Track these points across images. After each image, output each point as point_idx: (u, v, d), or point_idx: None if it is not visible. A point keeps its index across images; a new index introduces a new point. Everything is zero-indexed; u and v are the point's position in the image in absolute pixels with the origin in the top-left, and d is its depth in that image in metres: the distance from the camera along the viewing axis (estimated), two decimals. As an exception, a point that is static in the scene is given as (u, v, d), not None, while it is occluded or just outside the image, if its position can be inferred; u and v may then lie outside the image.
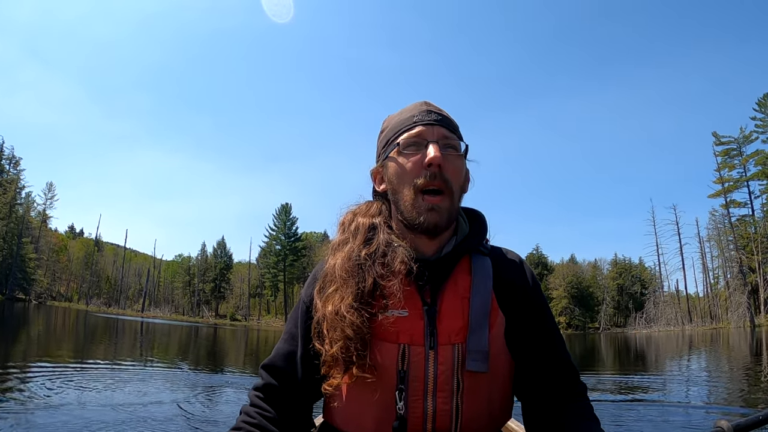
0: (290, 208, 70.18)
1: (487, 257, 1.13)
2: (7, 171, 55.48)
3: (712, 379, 10.27)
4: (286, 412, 1.12)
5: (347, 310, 1.02)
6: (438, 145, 1.06)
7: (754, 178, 48.84)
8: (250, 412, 1.12)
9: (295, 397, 1.14)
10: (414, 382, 1.00)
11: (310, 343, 1.10)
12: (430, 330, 1.02)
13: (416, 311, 1.04)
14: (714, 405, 6.72)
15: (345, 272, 1.06)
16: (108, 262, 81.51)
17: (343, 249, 1.11)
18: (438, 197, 1.06)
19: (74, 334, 19.70)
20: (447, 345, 1.02)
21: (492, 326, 1.05)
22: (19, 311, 35.51)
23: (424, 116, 1.10)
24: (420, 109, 1.12)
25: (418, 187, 1.06)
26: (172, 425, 4.81)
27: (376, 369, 1.01)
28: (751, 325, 42.70)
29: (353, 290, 1.04)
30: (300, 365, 1.13)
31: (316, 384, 1.11)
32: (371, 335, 1.03)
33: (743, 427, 0.94)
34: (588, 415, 1.03)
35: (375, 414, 1.02)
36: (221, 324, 57.73)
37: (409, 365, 1.01)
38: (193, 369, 10.20)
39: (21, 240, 54.73)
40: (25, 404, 5.23)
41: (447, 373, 1.01)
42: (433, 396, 1.00)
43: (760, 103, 48.32)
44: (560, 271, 70.06)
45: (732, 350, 19.48)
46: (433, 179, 1.05)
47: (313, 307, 1.12)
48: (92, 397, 5.93)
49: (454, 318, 1.04)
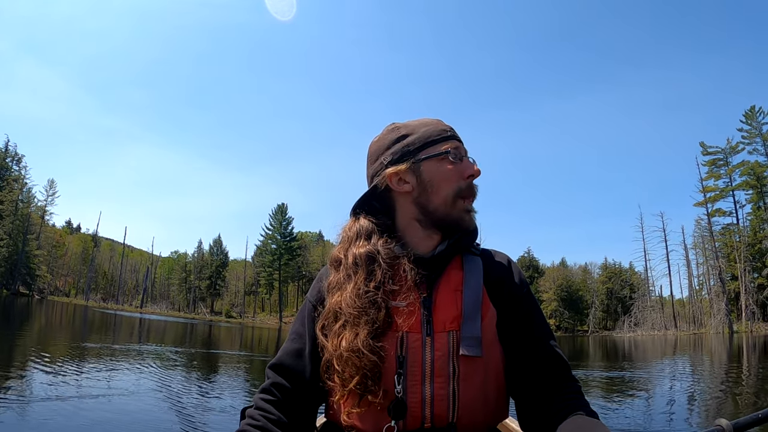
0: (286, 209, 70.93)
1: (478, 257, 1.20)
2: (11, 168, 56.27)
3: (684, 383, 11.39)
4: (292, 412, 1.13)
5: (365, 346, 1.03)
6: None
7: (739, 188, 50.16)
8: (254, 414, 1.12)
9: (302, 396, 1.15)
10: (412, 367, 1.05)
11: (317, 342, 1.14)
12: (426, 318, 1.09)
13: (414, 302, 1.10)
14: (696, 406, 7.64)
15: (356, 309, 1.08)
16: (105, 258, 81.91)
17: (346, 288, 1.12)
18: (473, 203, 1.21)
19: (90, 328, 20.69)
20: (442, 332, 1.07)
21: (484, 317, 1.11)
22: (24, 306, 36.40)
23: (454, 133, 1.21)
24: (445, 126, 1.22)
25: (461, 192, 1.17)
26: (166, 416, 5.45)
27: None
28: (730, 331, 44.04)
29: (369, 327, 1.06)
30: (309, 362, 1.15)
31: (321, 382, 1.14)
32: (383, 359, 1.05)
33: (742, 425, 0.95)
34: (581, 405, 1.04)
35: (375, 398, 1.04)
36: (216, 321, 58.43)
37: (407, 351, 1.06)
38: (189, 364, 11.20)
39: (26, 237, 55.79)
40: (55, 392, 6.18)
41: (443, 358, 1.06)
42: (431, 381, 1.05)
43: (747, 115, 49.29)
44: (551, 274, 70.72)
45: (698, 355, 20.61)
46: (473, 188, 1.19)
47: (320, 306, 1.17)
48: (117, 384, 6.91)
49: (449, 308, 1.10)
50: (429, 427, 1.05)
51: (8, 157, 55.80)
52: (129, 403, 5.92)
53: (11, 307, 32.38)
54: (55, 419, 4.87)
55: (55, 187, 63.26)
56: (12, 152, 56.25)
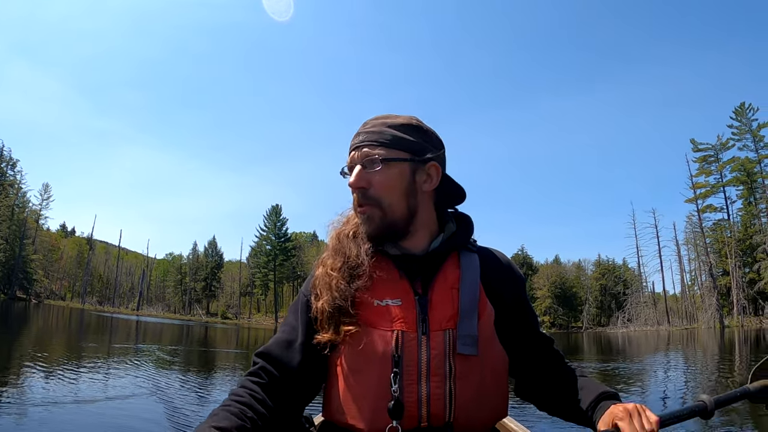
0: (280, 210, 70.81)
1: (474, 254, 1.19)
2: (6, 173, 56.15)
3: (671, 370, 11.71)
4: (279, 399, 1.12)
5: (334, 270, 1.13)
6: (362, 166, 1.15)
7: (729, 184, 50.68)
8: (240, 392, 1.10)
9: (289, 386, 1.13)
10: (408, 366, 1.04)
11: (310, 332, 1.14)
12: (422, 317, 1.08)
13: (409, 300, 1.10)
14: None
15: (335, 245, 1.19)
16: (100, 261, 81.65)
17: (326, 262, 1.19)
18: (363, 208, 1.16)
19: (89, 332, 20.82)
20: (438, 331, 1.07)
21: (481, 315, 1.11)
22: (22, 310, 36.48)
23: (353, 141, 1.19)
24: (355, 133, 1.20)
25: (354, 206, 1.20)
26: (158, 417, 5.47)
27: (371, 351, 1.07)
28: (721, 326, 44.64)
29: (342, 259, 1.15)
30: (298, 352, 1.14)
31: (311, 376, 1.15)
32: (358, 303, 1.11)
33: (722, 401, 1.01)
34: (571, 367, 1.21)
35: (372, 398, 1.05)
36: (212, 322, 58.47)
37: (403, 350, 1.05)
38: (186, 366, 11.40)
39: (23, 242, 55.82)
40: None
41: (439, 357, 1.05)
42: (427, 380, 1.04)
43: (737, 111, 49.82)
44: (545, 272, 71.25)
45: (691, 349, 20.95)
46: (360, 198, 1.16)
47: (312, 300, 1.17)
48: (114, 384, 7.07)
49: (445, 306, 1.10)
50: (426, 426, 1.05)
51: (3, 162, 55.65)
52: (126, 405, 6.04)
53: (9, 312, 32.46)
54: (54, 422, 4.92)
55: (49, 191, 63.17)
56: (7, 157, 56.15)
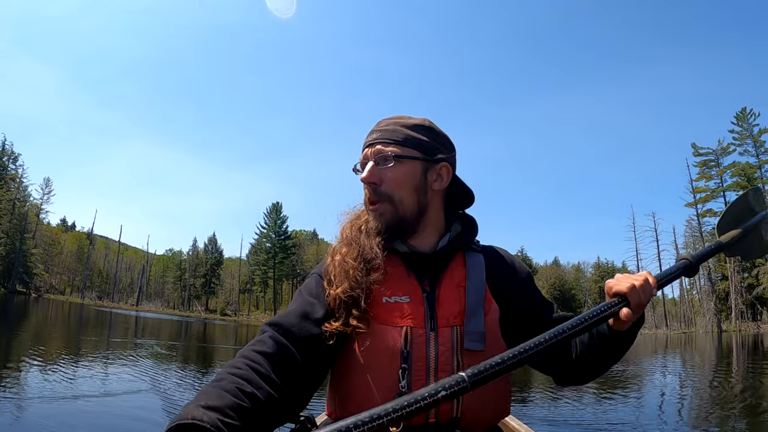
0: (281, 207, 70.87)
1: (479, 253, 1.23)
2: (8, 167, 56.23)
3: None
4: (284, 375, 0.99)
5: (351, 259, 1.14)
6: (374, 163, 1.19)
7: (730, 189, 50.66)
8: (238, 363, 0.97)
9: (298, 362, 1.03)
10: (417, 362, 1.06)
11: (328, 312, 1.12)
12: (430, 314, 1.10)
13: (417, 297, 1.12)
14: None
15: (348, 235, 1.20)
16: (100, 256, 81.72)
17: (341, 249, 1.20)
18: (375, 205, 1.19)
19: (88, 327, 20.81)
20: (446, 327, 1.09)
21: (487, 313, 1.13)
22: (22, 304, 36.52)
23: (367, 138, 1.23)
24: (369, 131, 1.24)
25: (365, 202, 1.23)
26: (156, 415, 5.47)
27: (380, 347, 1.08)
28: (719, 330, 44.76)
29: (357, 249, 1.15)
30: (315, 325, 1.08)
31: (319, 362, 1.08)
32: (371, 303, 1.11)
33: (702, 256, 1.12)
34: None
35: (380, 393, 1.05)
36: (211, 318, 58.46)
37: (411, 346, 1.06)
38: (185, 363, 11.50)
39: (24, 236, 55.87)
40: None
41: (447, 353, 1.07)
42: (435, 376, 1.05)
43: (738, 116, 49.72)
44: (544, 273, 71.44)
45: (687, 352, 20.98)
46: (372, 195, 1.20)
47: (325, 285, 1.16)
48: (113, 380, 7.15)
49: (452, 303, 1.12)
50: (433, 422, 1.06)
51: (5, 156, 55.73)
52: (123, 400, 6.06)
53: (9, 306, 32.60)
54: (52, 416, 4.91)
55: (50, 185, 63.17)
56: (8, 151, 56.17)
